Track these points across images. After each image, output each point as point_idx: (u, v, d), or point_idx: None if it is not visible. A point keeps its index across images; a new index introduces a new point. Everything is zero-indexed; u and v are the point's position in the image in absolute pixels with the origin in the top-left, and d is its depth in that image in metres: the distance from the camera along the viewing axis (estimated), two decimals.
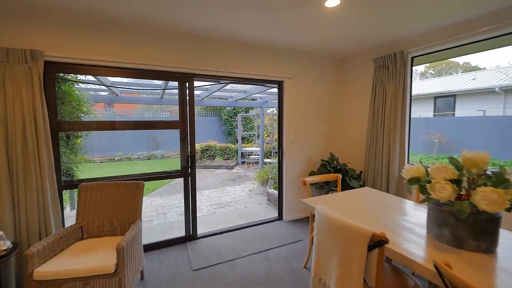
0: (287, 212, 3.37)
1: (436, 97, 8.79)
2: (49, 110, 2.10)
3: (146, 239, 2.72)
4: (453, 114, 8.37)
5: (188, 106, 2.71)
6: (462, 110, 8.28)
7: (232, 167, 8.09)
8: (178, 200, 4.65)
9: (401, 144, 2.80)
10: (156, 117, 10.77)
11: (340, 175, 2.41)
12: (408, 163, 2.86)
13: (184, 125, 2.71)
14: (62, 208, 2.24)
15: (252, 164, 8.62)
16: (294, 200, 3.41)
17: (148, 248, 2.61)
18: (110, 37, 2.29)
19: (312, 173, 3.35)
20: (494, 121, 6.17)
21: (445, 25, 2.40)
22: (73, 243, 1.88)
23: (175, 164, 8.02)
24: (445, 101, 8.68)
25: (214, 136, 10.80)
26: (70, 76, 2.70)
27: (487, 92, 7.61)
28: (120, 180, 2.37)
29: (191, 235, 2.83)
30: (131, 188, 2.08)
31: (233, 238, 2.87)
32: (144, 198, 5.06)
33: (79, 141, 3.17)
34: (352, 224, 1.18)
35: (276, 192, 3.97)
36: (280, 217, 3.42)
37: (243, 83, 3.59)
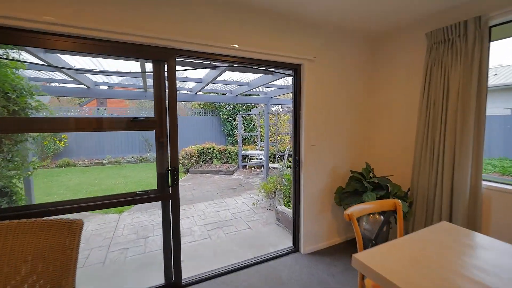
0: (306, 242, 2.51)
1: None
2: None
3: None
4: None
5: (168, 97, 1.85)
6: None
7: (232, 172, 7.23)
8: None
9: (475, 153, 1.95)
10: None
11: (400, 202, 1.55)
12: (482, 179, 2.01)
13: (162, 124, 1.85)
14: None
15: (255, 168, 7.75)
16: (314, 224, 2.55)
17: None
18: None
19: (340, 190, 2.49)
20: None
21: None
22: None
23: None
24: None
25: (212, 137, 9.98)
26: None
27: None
28: (54, 210, 1.52)
29: (173, 283, 1.97)
30: (59, 232, 1.22)
31: (234, 285, 2.01)
32: (124, 214, 4.18)
33: (23, 144, 2.31)
34: None
35: (288, 210, 3.12)
36: (296, 248, 2.55)
37: (247, 67, 2.74)
